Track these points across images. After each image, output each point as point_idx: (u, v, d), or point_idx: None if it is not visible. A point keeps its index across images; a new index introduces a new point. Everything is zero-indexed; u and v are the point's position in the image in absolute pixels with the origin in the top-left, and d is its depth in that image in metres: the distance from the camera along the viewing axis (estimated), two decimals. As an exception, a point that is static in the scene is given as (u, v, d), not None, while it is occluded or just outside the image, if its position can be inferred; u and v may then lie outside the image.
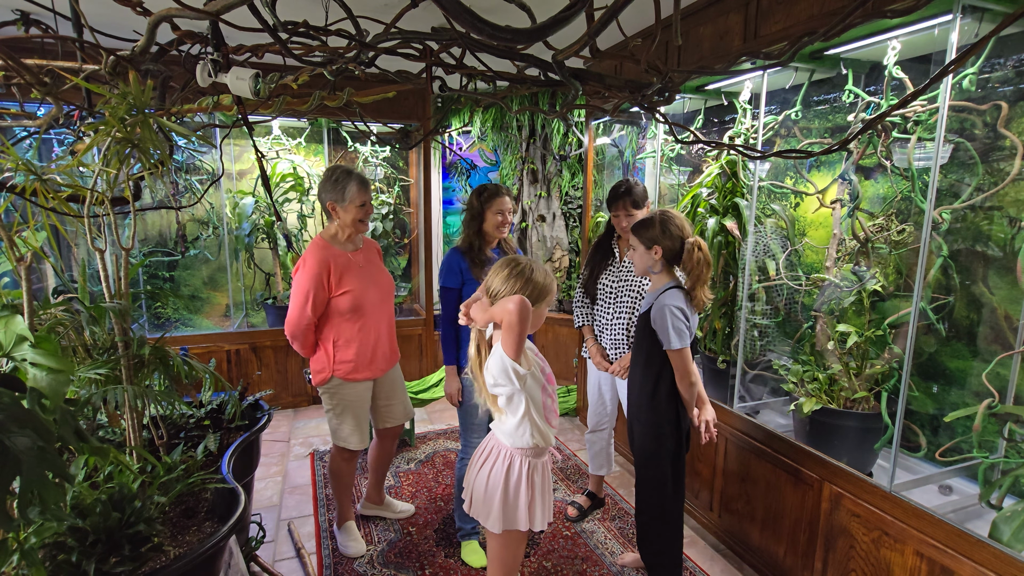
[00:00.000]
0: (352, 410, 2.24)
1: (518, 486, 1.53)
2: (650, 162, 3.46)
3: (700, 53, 2.39)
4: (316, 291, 2.09)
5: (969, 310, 1.92)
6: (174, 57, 1.37)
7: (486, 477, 1.56)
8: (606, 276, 2.44)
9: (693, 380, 1.85)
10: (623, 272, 2.40)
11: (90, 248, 1.39)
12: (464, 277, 2.21)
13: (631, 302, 2.35)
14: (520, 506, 1.53)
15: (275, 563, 2.30)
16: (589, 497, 2.70)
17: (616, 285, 2.40)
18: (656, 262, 1.87)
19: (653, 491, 1.94)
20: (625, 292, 2.37)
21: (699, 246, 1.82)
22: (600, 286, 2.44)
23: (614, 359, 2.40)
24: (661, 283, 1.90)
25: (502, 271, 1.54)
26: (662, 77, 1.11)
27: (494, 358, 1.48)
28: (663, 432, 1.90)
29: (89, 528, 1.25)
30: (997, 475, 1.74)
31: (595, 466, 2.65)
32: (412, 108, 3.94)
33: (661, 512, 1.94)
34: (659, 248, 1.85)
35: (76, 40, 1.34)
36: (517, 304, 1.37)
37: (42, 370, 1.01)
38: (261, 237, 3.95)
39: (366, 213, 2.16)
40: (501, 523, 1.53)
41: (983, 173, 1.83)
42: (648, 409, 1.92)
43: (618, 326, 2.38)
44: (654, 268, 1.89)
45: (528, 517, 1.54)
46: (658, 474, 1.92)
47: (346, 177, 2.11)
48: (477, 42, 1.04)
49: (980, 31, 1.60)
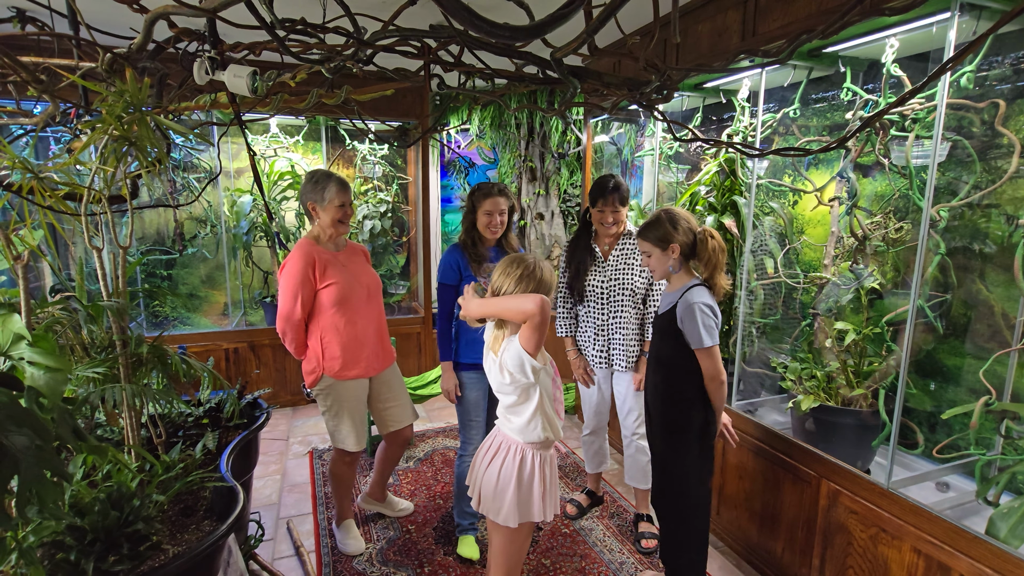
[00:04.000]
0: (347, 410, 2.23)
1: (531, 479, 1.55)
2: (648, 160, 3.46)
3: (698, 51, 2.39)
4: (303, 284, 2.12)
5: (967, 307, 1.92)
6: (171, 55, 1.37)
7: (496, 472, 1.57)
8: (592, 277, 2.36)
9: (723, 379, 1.77)
10: (610, 271, 2.33)
11: (87, 246, 1.38)
12: (462, 274, 2.21)
13: (627, 300, 2.30)
14: (535, 498, 1.56)
15: (274, 561, 2.30)
16: (588, 495, 2.70)
17: (608, 285, 2.33)
18: (676, 261, 1.80)
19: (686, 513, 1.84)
20: (617, 291, 2.31)
21: (711, 234, 1.78)
22: (588, 287, 2.37)
23: (625, 361, 2.33)
24: (681, 282, 1.83)
25: (514, 270, 1.54)
26: (660, 75, 1.11)
27: (510, 353, 1.49)
28: (690, 441, 1.80)
29: (87, 527, 1.25)
30: (994, 472, 1.75)
31: (593, 465, 2.65)
32: (410, 106, 3.93)
33: (688, 533, 1.85)
34: (676, 246, 1.78)
35: (72, 37, 1.34)
36: (538, 304, 1.40)
37: (40, 369, 1.00)
38: (259, 235, 3.94)
39: (345, 215, 2.19)
40: (517, 516, 1.55)
41: (981, 171, 1.84)
42: (673, 417, 1.83)
43: (615, 326, 2.32)
44: (674, 268, 1.82)
45: (542, 508, 1.57)
46: (688, 498, 1.82)
47: (326, 179, 2.15)
48: (475, 40, 1.03)
49: (978, 29, 1.60)
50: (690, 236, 1.79)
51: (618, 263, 2.33)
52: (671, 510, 1.89)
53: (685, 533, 1.86)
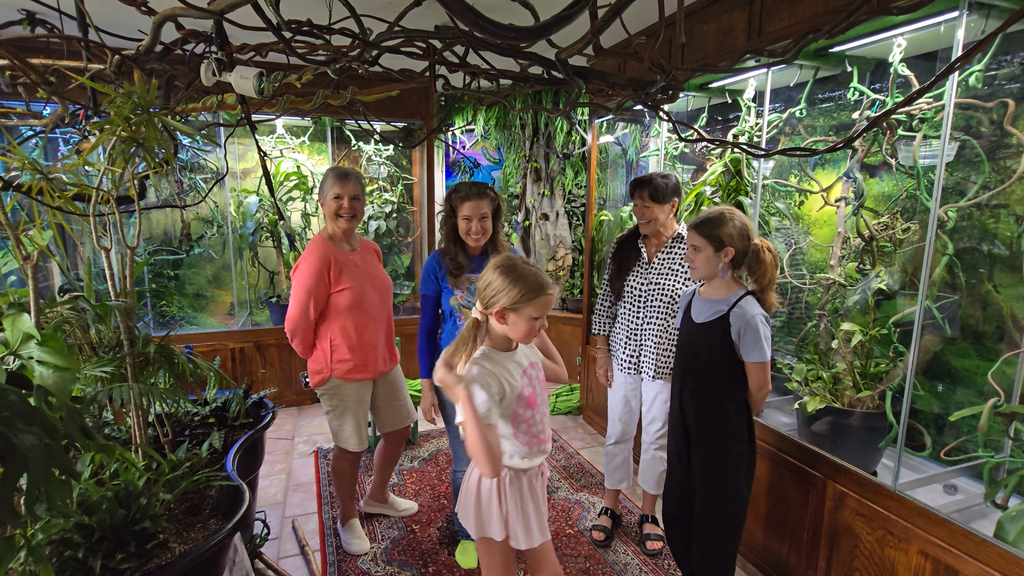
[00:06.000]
0: (351, 411, 2.24)
1: (490, 497, 1.49)
2: (653, 160, 3.46)
3: (704, 51, 2.38)
4: (317, 286, 2.10)
5: (975, 309, 1.90)
6: (178, 56, 1.38)
7: (467, 479, 1.55)
8: (633, 278, 2.28)
9: (769, 389, 1.74)
10: (652, 274, 2.24)
11: (95, 247, 1.39)
12: (440, 285, 2.09)
13: (664, 307, 2.20)
14: (493, 516, 1.49)
15: (279, 560, 2.31)
16: (611, 517, 2.51)
17: (646, 288, 2.24)
18: (726, 265, 1.70)
19: (725, 522, 1.78)
20: (656, 296, 2.22)
21: (768, 247, 1.70)
22: (627, 288, 2.29)
23: (654, 369, 2.23)
24: (730, 291, 1.74)
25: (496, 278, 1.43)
26: (666, 75, 1.11)
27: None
28: (734, 453, 1.76)
29: (95, 525, 1.26)
30: (1002, 474, 1.73)
31: (614, 480, 2.48)
32: (415, 107, 3.94)
33: (725, 546, 1.80)
34: (732, 250, 1.69)
35: (81, 40, 1.35)
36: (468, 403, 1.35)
37: (48, 368, 1.01)
38: (265, 236, 3.96)
39: (340, 207, 2.12)
40: (476, 529, 1.52)
41: (989, 171, 1.82)
42: (716, 429, 1.77)
43: (648, 332, 2.24)
44: (723, 272, 1.72)
45: (503, 529, 1.49)
46: (732, 504, 1.77)
47: (328, 173, 2.15)
48: (480, 40, 1.04)
49: (986, 28, 1.59)
50: (746, 244, 1.70)
51: (662, 267, 2.23)
52: (714, 521, 1.81)
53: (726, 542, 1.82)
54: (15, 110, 1.77)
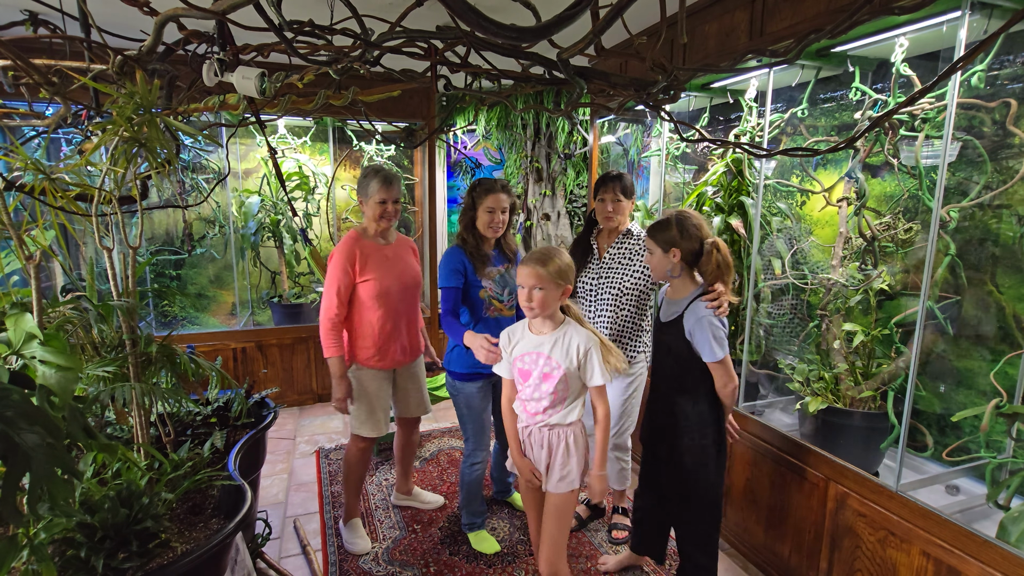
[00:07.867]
0: (367, 397, 2.27)
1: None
2: (655, 160, 3.46)
3: (706, 51, 2.38)
4: (342, 278, 2.16)
5: (977, 309, 1.90)
6: (180, 56, 1.38)
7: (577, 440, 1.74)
8: (585, 274, 2.33)
9: (735, 385, 1.77)
10: (602, 269, 2.29)
11: (98, 247, 1.40)
12: (469, 277, 2.16)
13: (612, 299, 2.25)
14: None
15: (281, 560, 2.31)
16: (588, 507, 2.60)
17: (597, 283, 2.30)
18: (675, 266, 1.78)
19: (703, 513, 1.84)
20: (605, 289, 2.27)
21: (718, 247, 1.73)
22: (580, 284, 2.35)
23: None
24: (686, 290, 1.81)
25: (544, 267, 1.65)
26: (667, 75, 1.11)
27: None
28: (706, 451, 1.80)
29: (98, 524, 1.26)
30: (1005, 475, 1.73)
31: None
32: (417, 107, 3.94)
33: (707, 540, 1.85)
34: (677, 251, 1.76)
35: (84, 40, 1.35)
36: None
37: (51, 367, 1.01)
38: (267, 236, 3.97)
39: (385, 211, 2.20)
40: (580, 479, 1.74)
41: (991, 171, 1.82)
42: (685, 430, 1.81)
43: (600, 326, 2.27)
44: (673, 272, 1.80)
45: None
46: (709, 494, 1.82)
47: (372, 175, 2.19)
48: (482, 41, 1.04)
49: (989, 28, 1.59)
50: (696, 244, 1.75)
51: (612, 262, 2.28)
52: (689, 511, 1.87)
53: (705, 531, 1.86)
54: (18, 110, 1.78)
